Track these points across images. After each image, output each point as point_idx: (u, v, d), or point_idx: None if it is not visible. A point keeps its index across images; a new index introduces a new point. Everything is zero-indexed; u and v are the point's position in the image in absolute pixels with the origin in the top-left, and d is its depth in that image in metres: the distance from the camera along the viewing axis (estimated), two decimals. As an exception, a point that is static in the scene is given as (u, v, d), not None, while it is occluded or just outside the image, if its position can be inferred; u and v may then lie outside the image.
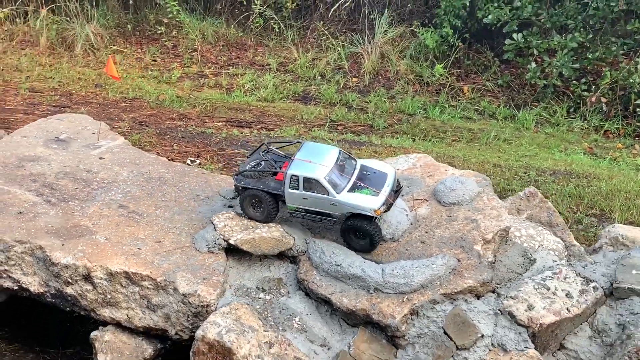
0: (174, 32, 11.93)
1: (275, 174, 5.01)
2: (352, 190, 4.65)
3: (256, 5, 11.97)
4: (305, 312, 4.64)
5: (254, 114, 10.17)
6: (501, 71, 11.64)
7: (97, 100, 9.45)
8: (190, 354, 4.42)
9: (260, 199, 4.96)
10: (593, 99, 9.90)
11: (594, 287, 4.43)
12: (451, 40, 11.57)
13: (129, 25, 11.77)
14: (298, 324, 4.50)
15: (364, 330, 4.41)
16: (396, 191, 4.63)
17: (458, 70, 11.85)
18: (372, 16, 12.32)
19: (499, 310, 4.20)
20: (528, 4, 10.87)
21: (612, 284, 4.50)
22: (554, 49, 10.70)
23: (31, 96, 9.19)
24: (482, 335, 4.16)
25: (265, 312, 4.59)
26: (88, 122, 7.04)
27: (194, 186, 5.97)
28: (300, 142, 5.21)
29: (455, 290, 4.22)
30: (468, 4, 11.48)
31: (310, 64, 11.95)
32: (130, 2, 12.30)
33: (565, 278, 4.41)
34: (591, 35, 10.41)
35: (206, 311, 4.60)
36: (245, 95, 10.88)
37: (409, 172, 4.95)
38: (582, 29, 10.40)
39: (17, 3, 11.14)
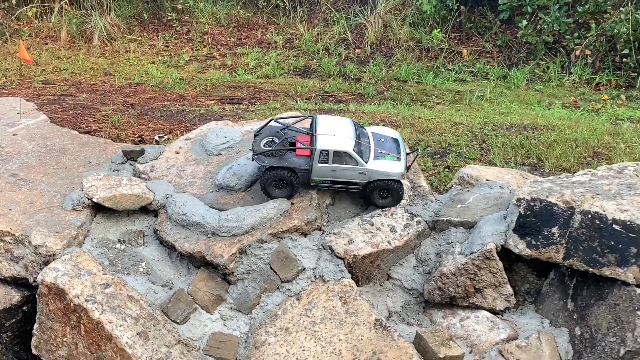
0: (186, 17, 13.12)
1: (293, 149, 5.14)
2: (376, 158, 5.06)
3: (261, -15, 12.95)
4: (156, 259, 5.45)
5: (251, 90, 11.17)
6: (502, 31, 11.99)
7: (104, 88, 10.80)
8: (37, 296, 5.16)
9: (284, 178, 5.10)
10: (578, 52, 10.17)
11: (417, 222, 5.11)
12: (450, 4, 12.03)
13: (145, 14, 13.09)
14: (143, 268, 5.39)
15: (204, 270, 5.20)
16: (408, 153, 5.22)
17: (459, 34, 12.32)
18: (379, -13, 12.97)
19: (322, 245, 4.95)
20: (521, -39, 11.18)
21: (436, 218, 5.17)
22: (548, 6, 10.96)
23: (43, 87, 10.66)
24: (304, 269, 4.90)
25: (116, 260, 5.48)
26: (19, 103, 7.91)
27: (90, 155, 6.66)
28: (311, 117, 5.43)
29: (282, 230, 4.93)
30: (464, -34, 11.89)
31: (315, 39, 12.81)
32: (149, -8, 13.62)
33: (392, 214, 5.12)
34: (579, -12, 10.62)
35: (53, 260, 5.32)
36: (248, 73, 11.90)
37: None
38: (570, -17, 10.64)
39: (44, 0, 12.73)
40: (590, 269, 4.35)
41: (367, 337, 4.46)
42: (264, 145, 5.13)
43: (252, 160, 5.14)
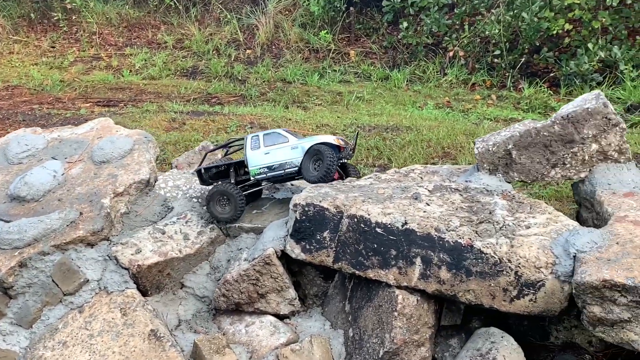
0: (75, 17, 12.92)
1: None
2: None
3: (151, -16, 12.85)
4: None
5: (133, 92, 11.06)
6: (389, 33, 12.15)
7: (-23, 90, 10.56)
8: None
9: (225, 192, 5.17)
10: (451, 53, 10.35)
11: (211, 228, 5.13)
12: (338, 5, 12.13)
13: (32, 14, 12.85)
14: None
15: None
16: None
17: (348, 35, 12.42)
18: (268, -14, 13.00)
19: (108, 256, 4.91)
20: (404, -37, 11.34)
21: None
22: (429, 7, 11.14)
23: None
24: (88, 280, 4.82)
25: None
26: None
27: None
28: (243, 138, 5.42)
29: (66, 241, 4.81)
30: (351, -31, 12.00)
31: (207, 39, 12.76)
32: (38, -9, 13.38)
33: (187, 222, 5.13)
34: (458, -10, 10.82)
35: None
36: (133, 74, 11.77)
37: (84, 136, 5.68)
38: (448, -16, 10.84)
39: None
40: (357, 272, 4.44)
41: (139, 348, 4.46)
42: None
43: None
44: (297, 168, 5.09)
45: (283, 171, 5.11)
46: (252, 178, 5.20)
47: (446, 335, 4.56)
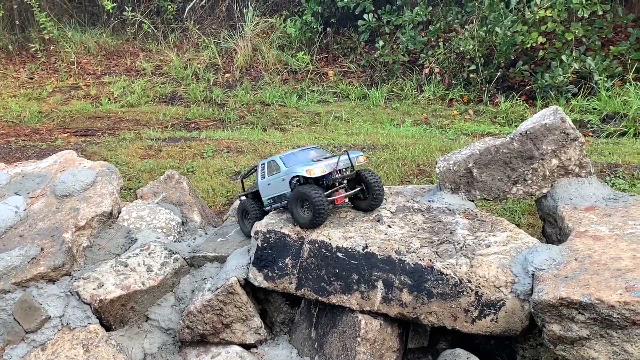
0: (52, 48, 12.95)
1: None
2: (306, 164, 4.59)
3: (127, 12, 12.90)
4: None
5: (112, 120, 11.05)
6: (367, 52, 12.20)
7: (-47, 123, 10.54)
8: None
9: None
10: (427, 70, 10.40)
11: (175, 259, 5.09)
12: (314, 26, 12.19)
13: (10, 46, 12.87)
14: None
15: None
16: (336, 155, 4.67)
17: (326, 56, 12.47)
18: (245, 11, 13.08)
19: (70, 291, 4.86)
20: (377, -18, 11.42)
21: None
22: (404, 25, 11.21)
23: None
24: (50, 317, 4.74)
25: None
26: None
27: None
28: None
29: (26, 278, 4.76)
30: (327, -11, 12.08)
31: (185, 65, 12.80)
32: (17, 22, 13.42)
33: (150, 253, 5.09)
34: (431, 8, 10.88)
35: None
36: (112, 102, 11.78)
37: (47, 170, 5.66)
38: (422, 3, 10.90)
39: None
40: (320, 298, 4.40)
41: (103, 384, 4.41)
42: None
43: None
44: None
45: (280, 203, 4.85)
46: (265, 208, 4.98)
47: (413, 357, 4.52)
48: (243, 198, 5.21)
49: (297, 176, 4.57)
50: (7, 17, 13.66)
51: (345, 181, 4.70)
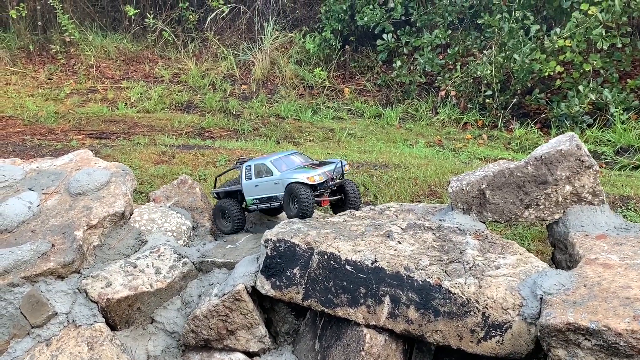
0: (73, 50, 13.11)
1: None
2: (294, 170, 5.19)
3: (149, 19, 13.06)
4: None
5: (127, 125, 11.15)
6: (384, 71, 12.28)
7: (-29, 121, 10.67)
8: None
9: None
10: (443, 93, 10.45)
11: (183, 263, 5.11)
12: (333, 43, 12.30)
13: (30, 46, 13.05)
14: None
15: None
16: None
17: (343, 73, 12.56)
18: (265, 24, 13.22)
19: (78, 289, 4.89)
20: (398, 4, 11.51)
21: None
22: (423, 47, 11.29)
23: None
24: (56, 313, 4.76)
25: None
26: None
27: None
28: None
29: (36, 273, 4.77)
30: (347, 8, 12.19)
31: (203, 74, 12.91)
32: (39, 23, 13.61)
33: (159, 256, 5.13)
34: (450, 32, 10.96)
35: None
36: (128, 107, 11.89)
37: (62, 167, 5.71)
38: (442, 26, 10.99)
39: None
40: (326, 310, 4.42)
41: (105, 383, 4.44)
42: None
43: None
44: (281, 202, 5.26)
45: (269, 204, 5.37)
46: (247, 207, 5.51)
47: (416, 376, 4.52)
48: (222, 200, 5.64)
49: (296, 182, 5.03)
50: (30, 17, 13.86)
51: (334, 187, 5.26)
